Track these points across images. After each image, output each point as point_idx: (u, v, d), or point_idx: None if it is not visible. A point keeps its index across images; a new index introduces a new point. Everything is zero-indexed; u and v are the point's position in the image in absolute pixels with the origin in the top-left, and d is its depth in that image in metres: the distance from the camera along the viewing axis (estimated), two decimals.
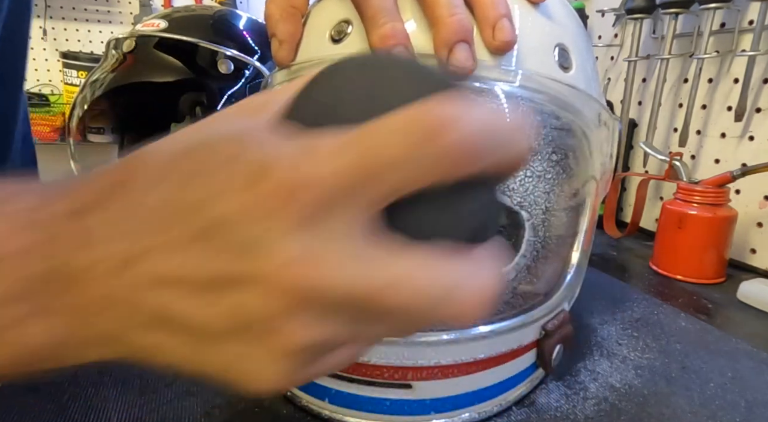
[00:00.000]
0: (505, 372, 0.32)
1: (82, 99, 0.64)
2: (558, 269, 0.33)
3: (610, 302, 0.51)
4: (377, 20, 0.27)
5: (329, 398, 0.31)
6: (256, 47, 0.65)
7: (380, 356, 0.29)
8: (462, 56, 0.27)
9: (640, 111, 0.80)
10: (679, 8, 0.67)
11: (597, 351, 0.41)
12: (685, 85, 0.72)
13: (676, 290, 0.57)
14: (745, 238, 0.64)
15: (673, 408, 0.34)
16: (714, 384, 0.37)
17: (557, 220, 0.31)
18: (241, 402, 0.33)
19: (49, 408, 0.31)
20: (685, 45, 0.71)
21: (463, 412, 0.31)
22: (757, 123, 0.63)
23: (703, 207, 0.58)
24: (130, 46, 0.62)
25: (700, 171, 0.71)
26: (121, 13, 1.88)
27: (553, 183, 0.30)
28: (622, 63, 0.80)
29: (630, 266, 0.65)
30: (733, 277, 0.60)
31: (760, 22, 0.60)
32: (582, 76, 0.32)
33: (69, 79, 1.59)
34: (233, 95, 0.63)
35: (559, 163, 0.30)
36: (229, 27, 0.67)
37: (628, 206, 0.81)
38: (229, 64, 0.62)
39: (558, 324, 0.33)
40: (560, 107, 0.30)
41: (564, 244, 0.33)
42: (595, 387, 0.36)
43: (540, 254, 0.30)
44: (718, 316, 0.51)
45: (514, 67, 0.29)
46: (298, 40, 0.31)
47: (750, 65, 0.61)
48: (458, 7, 0.27)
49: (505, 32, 0.27)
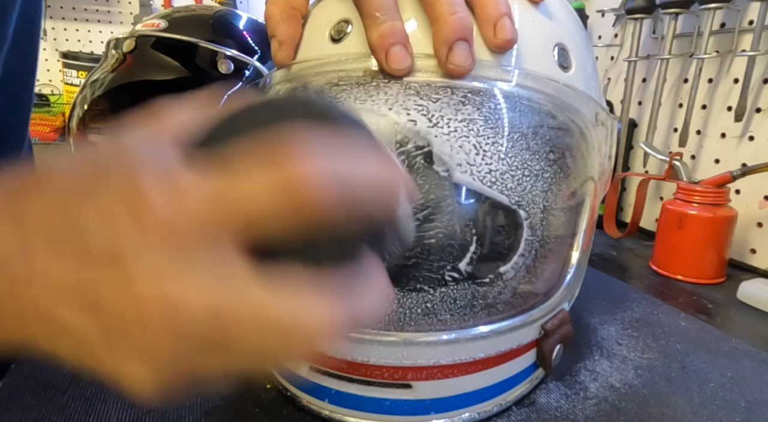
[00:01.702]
0: (504, 372, 0.32)
1: (82, 99, 0.64)
2: (557, 268, 0.33)
3: (610, 303, 0.51)
4: (377, 19, 0.27)
5: (329, 398, 0.31)
6: (256, 47, 0.65)
7: (380, 356, 0.29)
8: (461, 55, 0.27)
9: (640, 111, 0.80)
10: (679, 8, 0.67)
11: (597, 351, 0.41)
12: (685, 85, 0.72)
13: (676, 290, 0.57)
14: (745, 238, 0.64)
15: (673, 408, 0.34)
16: (714, 384, 0.37)
17: (556, 219, 0.31)
18: (241, 402, 0.33)
19: (49, 408, 0.31)
20: (685, 45, 0.71)
21: (463, 412, 0.31)
22: (757, 123, 0.63)
23: (703, 207, 0.58)
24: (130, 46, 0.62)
25: (700, 171, 0.71)
26: (121, 13, 1.88)
27: (551, 182, 0.30)
28: (622, 63, 0.80)
29: (630, 266, 0.65)
30: (733, 277, 0.60)
31: (760, 22, 0.60)
32: (581, 76, 0.32)
33: (69, 79, 1.59)
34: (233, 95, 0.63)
35: (556, 162, 0.30)
36: (229, 27, 0.67)
37: (628, 206, 0.81)
38: (229, 64, 0.62)
39: (558, 324, 0.33)
40: (558, 107, 0.30)
41: (563, 244, 0.33)
42: (595, 387, 0.36)
43: (539, 253, 0.30)
44: (718, 316, 0.51)
45: (513, 67, 0.29)
46: (297, 42, 0.32)
47: (750, 65, 0.61)
48: (459, 5, 0.27)
49: (506, 31, 0.27)
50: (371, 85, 0.28)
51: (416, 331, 0.29)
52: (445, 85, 0.28)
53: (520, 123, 0.29)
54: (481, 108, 0.28)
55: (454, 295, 0.28)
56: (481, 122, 0.28)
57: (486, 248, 0.28)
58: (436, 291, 0.28)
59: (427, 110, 0.27)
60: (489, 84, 0.28)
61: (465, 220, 0.28)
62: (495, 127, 0.28)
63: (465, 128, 0.27)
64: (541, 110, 0.30)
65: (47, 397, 0.32)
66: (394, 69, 0.27)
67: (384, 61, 0.27)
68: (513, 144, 0.28)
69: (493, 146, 0.28)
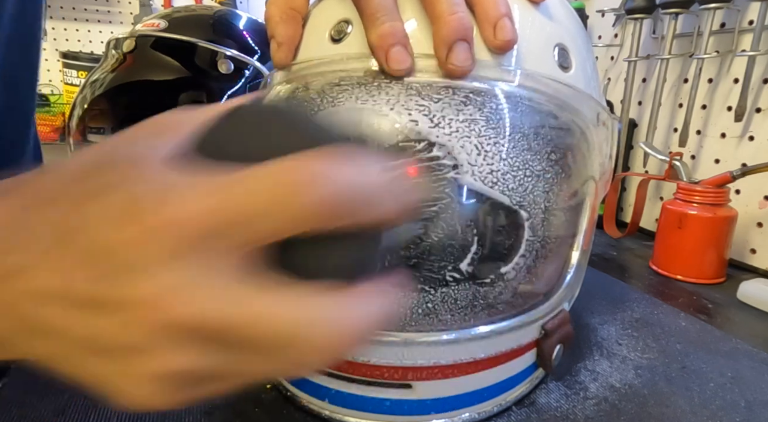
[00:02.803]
0: (504, 372, 0.32)
1: (82, 99, 0.64)
2: (558, 269, 0.33)
3: (610, 303, 0.51)
4: (376, 19, 0.27)
5: (329, 398, 0.31)
6: (256, 47, 0.65)
7: (380, 356, 0.29)
8: (461, 56, 0.27)
9: (640, 111, 0.80)
10: (679, 8, 0.67)
11: (597, 351, 0.41)
12: (685, 85, 0.72)
13: (676, 290, 0.57)
14: (745, 238, 0.64)
15: (673, 408, 0.34)
16: (714, 384, 0.37)
17: (557, 220, 0.31)
18: (241, 402, 0.33)
19: (49, 408, 0.31)
20: (685, 45, 0.71)
21: (463, 412, 0.31)
22: (757, 123, 0.63)
23: (703, 207, 0.58)
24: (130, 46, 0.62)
25: (700, 171, 0.71)
26: (121, 13, 1.88)
27: (552, 183, 0.30)
28: (622, 63, 0.80)
29: (630, 266, 0.65)
30: (733, 277, 0.60)
31: (760, 22, 0.60)
32: (582, 76, 0.32)
33: (69, 79, 1.59)
34: (233, 95, 0.63)
35: (558, 162, 0.30)
36: (229, 27, 0.67)
37: (628, 206, 0.81)
38: (229, 64, 0.62)
39: (558, 324, 0.33)
40: (559, 107, 0.30)
41: (563, 244, 0.33)
42: (595, 387, 0.36)
43: (539, 253, 0.30)
44: (718, 316, 0.51)
45: (513, 67, 0.29)
46: (297, 43, 0.32)
47: (750, 65, 0.61)
48: (459, 5, 0.27)
49: (507, 31, 0.27)
50: (372, 85, 0.28)
51: (416, 331, 0.29)
52: (446, 86, 0.28)
53: (521, 123, 0.29)
54: (483, 108, 0.28)
55: (455, 295, 0.28)
56: (482, 123, 0.28)
57: (487, 249, 0.28)
58: (436, 291, 0.28)
59: (429, 111, 0.27)
60: (490, 84, 0.28)
61: (466, 220, 0.28)
62: (496, 127, 0.28)
63: (466, 129, 0.27)
64: (542, 110, 0.30)
65: (47, 397, 0.32)
66: (394, 69, 0.27)
67: (384, 61, 0.27)
68: (514, 144, 0.28)
69: (494, 146, 0.28)
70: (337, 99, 0.28)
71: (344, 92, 0.28)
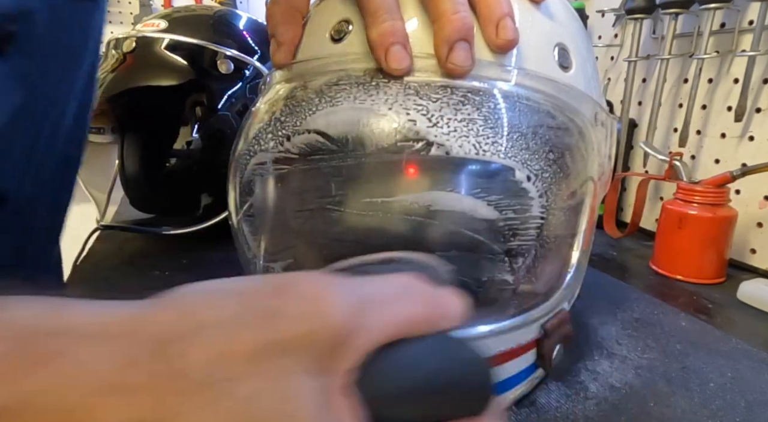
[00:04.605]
0: (504, 372, 0.32)
1: None
2: (557, 269, 0.33)
3: (610, 302, 0.51)
4: (378, 17, 0.27)
5: None
6: (256, 47, 0.65)
7: None
8: (462, 55, 0.27)
9: (640, 111, 0.80)
10: (679, 8, 0.67)
11: (597, 351, 0.41)
12: (685, 85, 0.72)
13: (676, 290, 0.57)
14: (745, 238, 0.64)
15: (673, 408, 0.34)
16: (714, 384, 0.37)
17: (556, 220, 0.31)
18: None
19: None
20: (685, 45, 0.71)
21: None
22: (757, 123, 0.63)
23: (703, 207, 0.58)
24: (130, 46, 0.62)
25: (700, 171, 0.70)
26: (121, 13, 1.88)
27: (550, 182, 0.30)
28: (622, 63, 0.80)
29: (630, 266, 0.65)
30: (733, 277, 0.60)
31: (760, 22, 0.60)
32: (581, 76, 0.32)
33: None
34: (233, 95, 0.63)
35: (556, 162, 0.30)
36: (229, 27, 0.67)
37: (628, 206, 0.81)
38: (229, 64, 0.62)
39: (558, 324, 0.33)
40: (558, 107, 0.30)
41: (563, 244, 0.33)
42: (595, 387, 0.36)
43: (539, 254, 0.30)
44: (718, 316, 0.51)
45: (513, 66, 0.29)
46: (297, 43, 0.32)
47: (750, 65, 0.61)
48: (462, 4, 0.27)
49: (508, 31, 0.27)
50: (371, 84, 0.28)
51: None
52: (444, 85, 0.28)
53: (519, 123, 0.29)
54: (481, 108, 0.28)
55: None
56: (480, 122, 0.27)
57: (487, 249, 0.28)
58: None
59: (427, 110, 0.27)
60: (489, 84, 0.28)
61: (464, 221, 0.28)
62: (495, 126, 0.28)
63: (464, 128, 0.27)
64: (541, 110, 0.30)
65: None
66: (393, 68, 0.27)
67: (383, 60, 0.27)
68: (512, 144, 0.28)
69: (492, 145, 0.28)
70: (336, 98, 0.28)
71: (342, 92, 0.28)
